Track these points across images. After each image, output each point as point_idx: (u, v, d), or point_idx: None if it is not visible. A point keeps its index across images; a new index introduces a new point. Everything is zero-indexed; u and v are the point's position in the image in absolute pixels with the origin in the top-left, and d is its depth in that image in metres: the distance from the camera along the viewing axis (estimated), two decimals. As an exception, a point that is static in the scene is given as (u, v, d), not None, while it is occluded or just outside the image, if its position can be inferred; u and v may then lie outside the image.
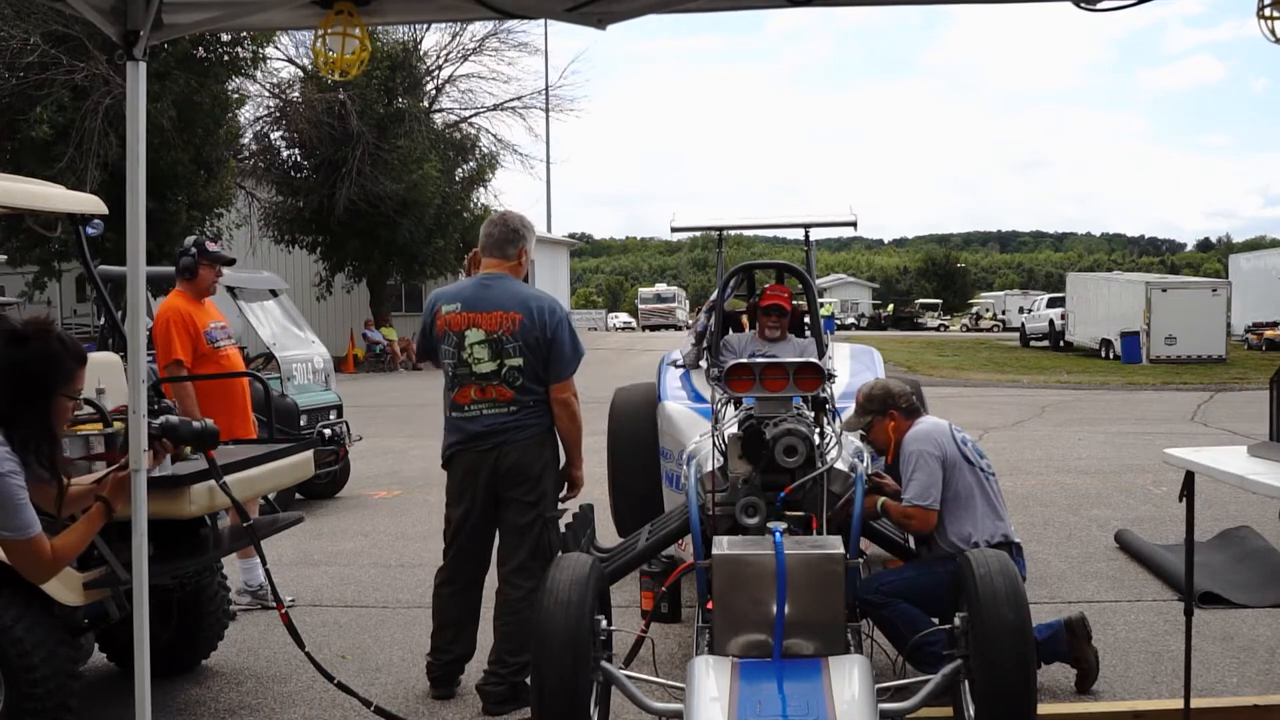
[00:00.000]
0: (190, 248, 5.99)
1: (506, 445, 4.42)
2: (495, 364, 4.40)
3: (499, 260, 4.56)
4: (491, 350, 4.40)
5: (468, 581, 4.64)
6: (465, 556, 4.61)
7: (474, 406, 4.44)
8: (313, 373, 10.01)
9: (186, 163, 21.85)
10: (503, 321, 4.39)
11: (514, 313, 4.39)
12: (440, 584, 4.67)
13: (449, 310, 4.49)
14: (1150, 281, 29.32)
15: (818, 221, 7.04)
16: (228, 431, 5.63)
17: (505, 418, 4.42)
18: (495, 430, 4.42)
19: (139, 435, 3.48)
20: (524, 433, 4.43)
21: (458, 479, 4.55)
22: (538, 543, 4.47)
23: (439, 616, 4.67)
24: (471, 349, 4.41)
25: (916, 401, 4.78)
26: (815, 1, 3.52)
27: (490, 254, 4.57)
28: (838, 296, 71.87)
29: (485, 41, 31.94)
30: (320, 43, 3.44)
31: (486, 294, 4.47)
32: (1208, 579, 5.95)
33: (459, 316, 4.45)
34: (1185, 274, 64.42)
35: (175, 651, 4.84)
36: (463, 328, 4.43)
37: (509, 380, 4.40)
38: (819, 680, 3.37)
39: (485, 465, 4.44)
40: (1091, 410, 17.12)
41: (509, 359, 4.39)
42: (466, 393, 4.45)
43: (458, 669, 4.69)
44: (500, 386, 4.41)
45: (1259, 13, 3.23)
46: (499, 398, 4.41)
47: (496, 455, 4.42)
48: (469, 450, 4.47)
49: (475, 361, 4.41)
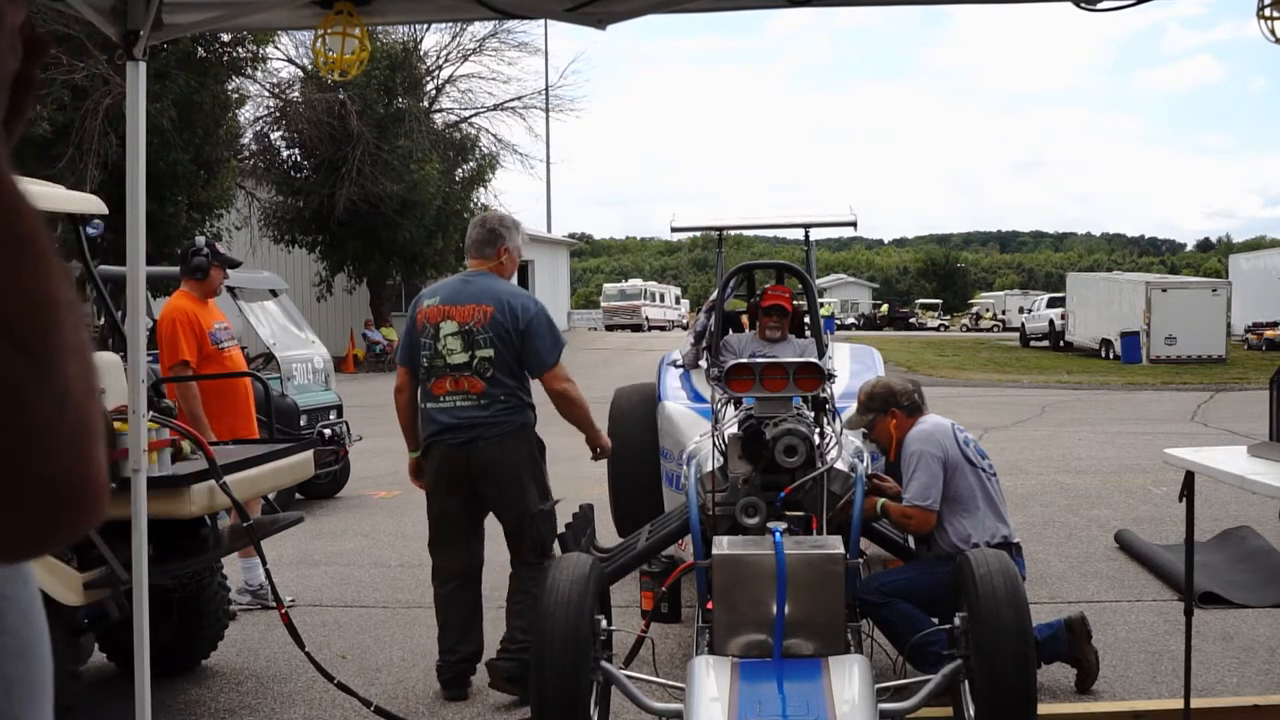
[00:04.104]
0: (203, 248, 5.99)
1: (479, 441, 4.52)
2: (467, 355, 4.55)
3: (480, 260, 4.79)
4: (464, 341, 4.56)
5: (462, 578, 4.68)
6: (451, 552, 4.68)
7: (448, 398, 4.58)
8: (313, 373, 10.00)
9: (186, 163, 21.84)
10: (475, 314, 4.58)
11: (486, 305, 4.58)
12: (439, 583, 4.72)
13: (429, 304, 4.69)
14: (1150, 281, 29.34)
15: (818, 221, 7.04)
16: (230, 432, 5.65)
17: (477, 411, 4.53)
18: (466, 424, 4.53)
19: (139, 435, 3.49)
20: (496, 429, 4.53)
21: (434, 471, 4.65)
22: (529, 537, 4.61)
23: (441, 616, 4.70)
24: (445, 340, 4.58)
25: (918, 399, 4.78)
26: (815, 1, 3.52)
27: (472, 255, 4.82)
28: (838, 296, 71.79)
29: (485, 42, 31.92)
30: (320, 43, 3.45)
31: (465, 289, 4.68)
32: (1208, 579, 5.95)
33: (436, 309, 4.65)
34: (1185, 274, 64.39)
35: (175, 651, 4.84)
36: (439, 320, 4.62)
37: (480, 371, 4.53)
38: (819, 680, 3.37)
39: (459, 460, 4.56)
40: (1091, 410, 17.12)
41: (480, 350, 4.54)
42: (441, 384, 4.59)
43: (468, 669, 4.70)
44: (472, 378, 4.54)
45: (1259, 13, 3.24)
46: (470, 389, 4.54)
47: (469, 452, 4.53)
48: (442, 443, 4.58)
49: (449, 353, 4.57)
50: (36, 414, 0.73)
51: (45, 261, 0.76)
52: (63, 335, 0.75)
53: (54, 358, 0.74)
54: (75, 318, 0.78)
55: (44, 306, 0.75)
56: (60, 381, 0.74)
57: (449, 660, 4.66)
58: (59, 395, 0.74)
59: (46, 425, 0.73)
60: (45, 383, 0.73)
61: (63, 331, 0.76)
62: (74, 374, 0.76)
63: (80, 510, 0.76)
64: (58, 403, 0.74)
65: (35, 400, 0.73)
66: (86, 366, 0.78)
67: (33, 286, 0.75)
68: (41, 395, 0.73)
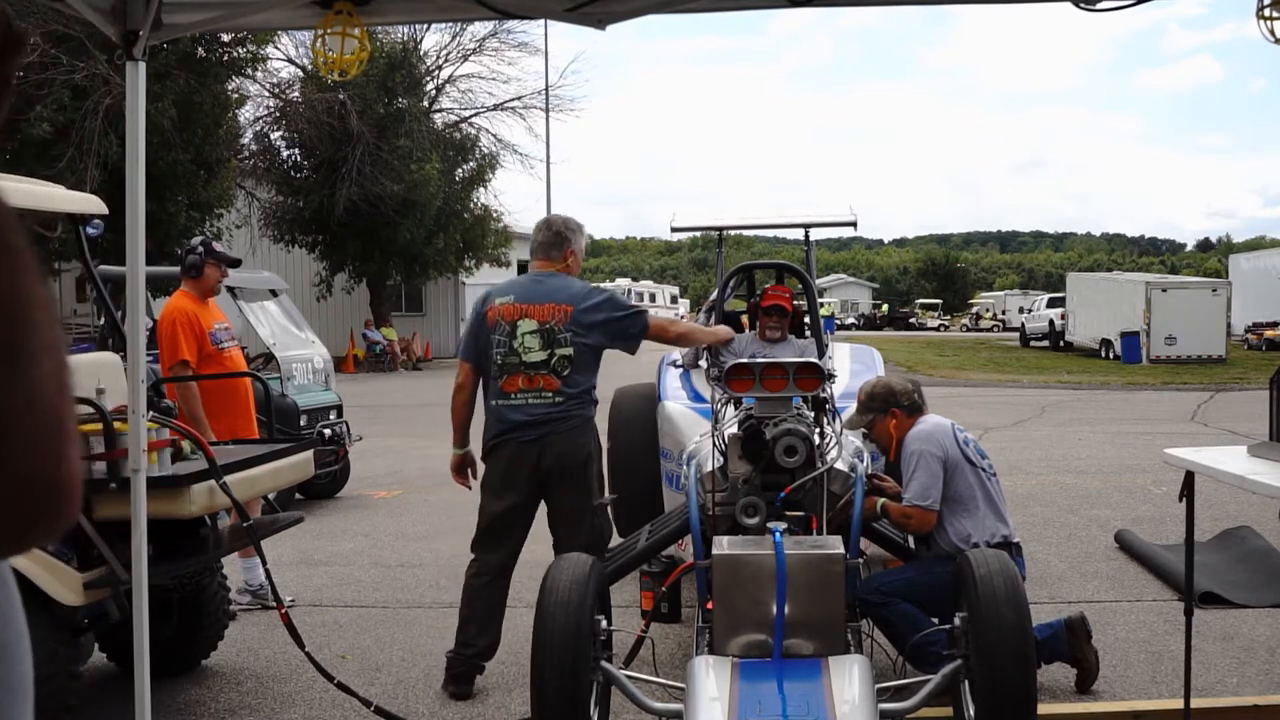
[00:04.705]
0: (197, 246, 6.00)
1: (551, 436, 4.56)
2: (546, 353, 4.59)
3: (547, 261, 4.81)
4: (543, 340, 4.60)
5: (497, 573, 4.72)
6: (498, 548, 4.68)
7: (520, 395, 4.60)
8: (313, 373, 10.00)
9: (186, 163, 21.85)
10: (555, 313, 4.63)
11: (565, 305, 4.63)
12: (473, 575, 4.72)
13: (502, 302, 4.70)
14: (1150, 281, 29.33)
15: (818, 221, 7.03)
16: (230, 432, 5.65)
17: (550, 408, 4.57)
18: (539, 420, 4.57)
19: (139, 435, 3.48)
20: (567, 423, 4.59)
21: (500, 470, 4.65)
22: (590, 530, 4.64)
23: (468, 608, 4.69)
24: (523, 338, 4.61)
25: (918, 399, 4.78)
26: (815, 1, 3.52)
27: (538, 256, 4.85)
28: (838, 296, 71.83)
29: (485, 42, 31.90)
30: (320, 43, 3.45)
31: (539, 288, 4.71)
32: (1208, 579, 5.95)
33: (512, 307, 4.66)
34: (1185, 274, 64.39)
35: (175, 651, 4.84)
36: (515, 318, 4.64)
37: (557, 369, 4.59)
38: (819, 680, 3.37)
39: (529, 457, 4.58)
40: (1091, 410, 17.12)
41: (559, 348, 4.59)
42: (514, 381, 4.61)
43: (479, 665, 4.70)
44: (548, 376, 4.58)
45: (1258, 13, 3.24)
46: (546, 387, 4.59)
47: (540, 447, 4.57)
48: (512, 441, 4.60)
49: (526, 350, 4.60)
50: (5, 412, 0.71)
51: (15, 257, 0.75)
52: (34, 332, 0.74)
53: (24, 355, 0.73)
54: (48, 314, 0.76)
55: (13, 303, 0.73)
56: (31, 380, 0.73)
57: (464, 653, 4.66)
58: (29, 393, 0.73)
59: (16, 423, 0.72)
60: (14, 380, 0.72)
61: (34, 329, 0.74)
62: (46, 372, 0.74)
63: (52, 510, 0.75)
64: (28, 401, 0.72)
65: (4, 398, 0.71)
66: (60, 364, 0.76)
67: (1, 283, 0.73)
68: (10, 393, 0.72)
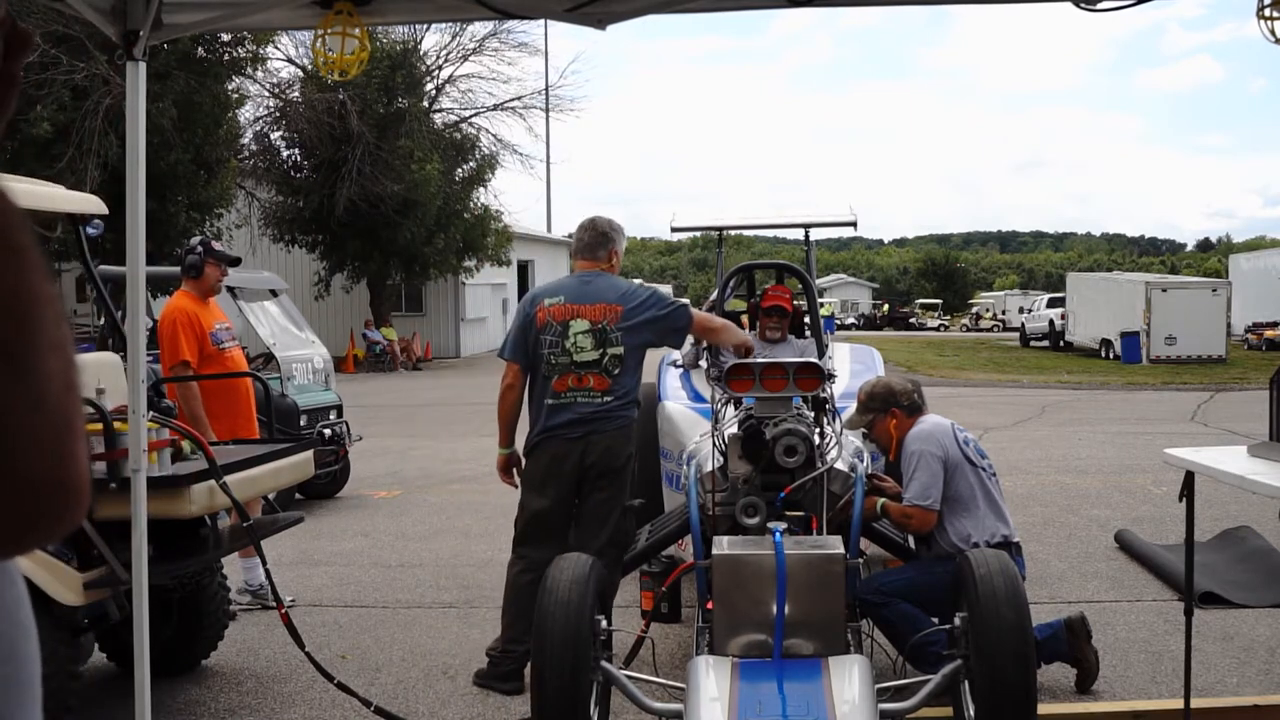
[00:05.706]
0: (196, 246, 6.00)
1: (595, 434, 4.61)
2: (598, 353, 4.64)
3: (591, 261, 4.88)
4: (595, 339, 4.65)
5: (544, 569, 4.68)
6: (545, 546, 4.62)
7: (569, 394, 4.65)
8: (313, 373, 10.01)
9: (186, 163, 21.84)
10: (606, 313, 4.68)
11: (615, 305, 4.68)
12: (519, 572, 4.70)
13: (552, 303, 4.75)
14: (1150, 281, 29.31)
15: (818, 221, 7.03)
16: (231, 432, 5.65)
17: (597, 407, 4.62)
18: (585, 418, 4.61)
19: (139, 435, 3.49)
20: (613, 422, 4.64)
21: (544, 465, 4.68)
22: (616, 529, 4.68)
23: (515, 606, 4.65)
24: (575, 338, 4.65)
25: (918, 399, 4.78)
26: (816, 1, 3.52)
27: (582, 257, 4.92)
28: (838, 296, 71.81)
29: (485, 42, 31.88)
30: (320, 43, 3.45)
31: (588, 289, 4.75)
32: (1208, 579, 5.95)
33: (563, 308, 4.71)
34: (1185, 274, 64.39)
35: (175, 651, 4.84)
36: (567, 318, 4.69)
37: (608, 369, 4.64)
38: (819, 680, 3.37)
39: (573, 454, 4.61)
40: (1091, 410, 17.11)
41: (611, 348, 4.65)
42: (565, 381, 4.65)
43: (525, 663, 4.68)
44: (599, 375, 4.64)
45: (1259, 13, 3.24)
46: (595, 386, 4.64)
47: (585, 444, 4.60)
48: (558, 437, 4.64)
49: (578, 350, 4.65)
50: (11, 412, 0.71)
51: (21, 256, 0.74)
52: (40, 331, 0.73)
53: (30, 355, 0.72)
54: (54, 313, 0.75)
55: (19, 302, 0.72)
56: (37, 379, 0.72)
57: (514, 651, 4.64)
58: (36, 393, 0.72)
59: (23, 424, 0.71)
60: (21, 381, 0.71)
61: (40, 327, 0.73)
62: (53, 371, 0.73)
63: (60, 510, 0.74)
64: (35, 401, 0.72)
65: (10, 399, 0.71)
66: (67, 363, 0.75)
67: (7, 282, 0.72)
68: (17, 393, 0.71)
